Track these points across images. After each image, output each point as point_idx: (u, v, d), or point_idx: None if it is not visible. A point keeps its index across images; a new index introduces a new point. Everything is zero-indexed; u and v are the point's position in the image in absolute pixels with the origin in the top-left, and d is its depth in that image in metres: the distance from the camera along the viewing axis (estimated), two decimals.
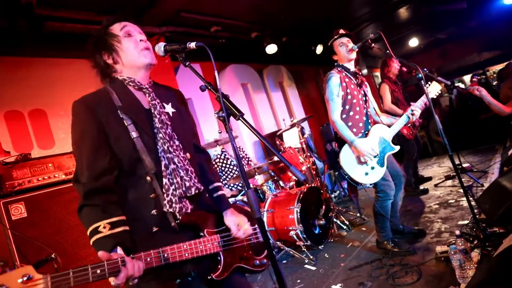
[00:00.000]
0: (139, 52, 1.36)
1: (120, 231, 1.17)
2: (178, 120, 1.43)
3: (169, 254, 1.19)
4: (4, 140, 3.31)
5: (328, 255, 3.29)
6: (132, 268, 1.05)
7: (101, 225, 1.15)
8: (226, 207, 1.50)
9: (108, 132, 1.24)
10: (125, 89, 1.36)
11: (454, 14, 7.22)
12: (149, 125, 1.32)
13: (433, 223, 3.27)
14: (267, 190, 4.14)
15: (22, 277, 0.85)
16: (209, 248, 1.33)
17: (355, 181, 2.72)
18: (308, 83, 7.98)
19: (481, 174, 4.48)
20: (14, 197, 2.44)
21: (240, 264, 1.45)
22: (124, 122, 1.27)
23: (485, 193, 2.78)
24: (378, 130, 2.81)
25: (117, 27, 1.40)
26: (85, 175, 1.20)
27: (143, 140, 1.28)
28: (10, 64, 3.52)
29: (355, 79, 2.89)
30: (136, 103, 1.35)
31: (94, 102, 1.27)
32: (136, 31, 1.41)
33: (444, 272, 2.30)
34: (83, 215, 1.19)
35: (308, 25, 5.61)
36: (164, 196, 1.27)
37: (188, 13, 4.22)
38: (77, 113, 1.26)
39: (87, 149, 1.22)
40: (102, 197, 1.20)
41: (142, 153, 1.26)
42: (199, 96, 5.21)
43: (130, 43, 1.36)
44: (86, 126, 1.24)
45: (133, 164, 1.27)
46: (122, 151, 1.25)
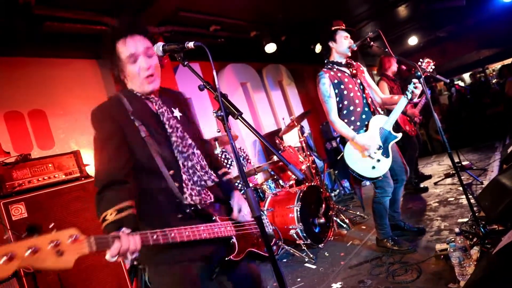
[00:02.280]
0: (142, 81, 1.41)
1: (124, 215, 1.23)
2: (186, 122, 1.54)
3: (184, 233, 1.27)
4: (4, 141, 3.32)
5: (328, 254, 3.29)
6: (127, 242, 1.10)
7: (109, 213, 1.22)
8: (234, 189, 1.64)
9: (125, 134, 1.36)
10: (135, 96, 1.45)
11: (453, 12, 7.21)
12: (159, 127, 1.43)
13: (433, 221, 3.28)
14: (267, 189, 4.14)
15: (70, 237, 0.97)
16: (223, 231, 1.43)
17: (364, 177, 2.71)
18: (308, 82, 7.98)
19: (480, 172, 4.49)
20: (14, 198, 2.44)
21: (252, 249, 1.57)
22: (135, 123, 1.37)
23: (485, 190, 2.78)
24: (377, 122, 2.78)
25: (124, 51, 1.38)
26: (101, 174, 1.31)
27: (154, 139, 1.38)
28: (9, 65, 3.53)
29: (349, 70, 2.88)
30: (145, 108, 1.45)
31: (109, 108, 1.39)
32: (142, 51, 1.39)
33: (444, 269, 2.31)
34: (98, 207, 1.27)
35: (307, 23, 5.60)
36: (185, 190, 1.38)
37: (187, 12, 4.21)
38: (97, 120, 1.38)
39: (107, 151, 1.33)
40: (114, 188, 1.28)
41: (153, 151, 1.37)
42: (199, 96, 5.21)
43: (134, 70, 1.39)
44: (105, 130, 1.36)
45: (146, 160, 1.37)
46: (135, 149, 1.36)
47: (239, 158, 1.13)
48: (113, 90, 4.42)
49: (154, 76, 1.42)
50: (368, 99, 2.86)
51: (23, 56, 3.66)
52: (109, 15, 3.78)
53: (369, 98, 2.87)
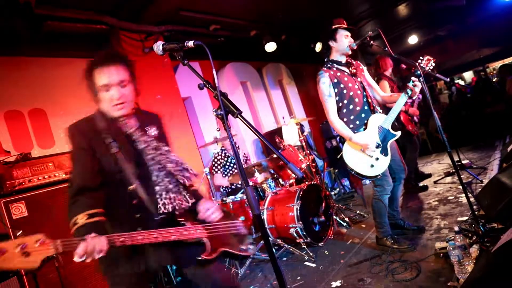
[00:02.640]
0: (112, 108, 1.55)
1: (94, 220, 1.38)
2: (159, 140, 1.68)
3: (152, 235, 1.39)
4: (4, 140, 3.32)
5: (328, 252, 3.30)
6: (92, 244, 1.23)
7: (80, 217, 1.37)
8: (200, 198, 1.75)
9: (95, 149, 1.51)
10: (107, 117, 1.59)
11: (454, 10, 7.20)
12: (129, 145, 1.57)
13: (433, 220, 3.29)
14: (267, 188, 4.15)
15: (37, 241, 1.12)
16: (193, 234, 1.55)
17: (362, 175, 2.71)
18: (308, 81, 7.97)
19: (480, 171, 4.49)
20: (15, 197, 2.45)
21: (225, 248, 1.67)
22: (106, 141, 1.52)
23: (484, 189, 2.79)
24: (375, 120, 2.77)
25: (98, 79, 1.53)
26: (75, 179, 1.47)
27: (124, 155, 1.52)
28: (9, 64, 3.53)
29: (349, 69, 2.88)
30: (116, 127, 1.59)
31: (83, 125, 1.56)
32: (115, 83, 1.53)
33: (443, 268, 2.32)
34: (70, 213, 1.41)
35: (307, 22, 5.60)
36: (158, 200, 1.52)
37: (187, 11, 4.21)
38: (71, 135, 1.55)
39: (80, 162, 1.50)
40: (86, 194, 1.44)
41: (123, 165, 1.51)
42: (199, 95, 5.22)
43: (106, 98, 1.54)
44: (78, 144, 1.52)
45: (115, 174, 1.51)
46: (106, 164, 1.51)
47: (239, 157, 1.14)
48: None
49: (124, 104, 1.56)
50: (368, 98, 2.85)
51: (23, 56, 3.67)
52: (109, 15, 3.79)
53: (369, 97, 2.86)
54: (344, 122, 2.78)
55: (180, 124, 4.40)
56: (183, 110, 4.55)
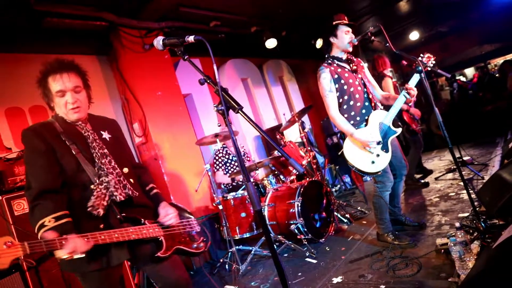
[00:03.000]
0: (67, 111, 1.63)
1: (63, 222, 1.42)
2: (114, 143, 1.78)
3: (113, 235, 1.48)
4: (5, 137, 3.33)
5: (329, 248, 3.31)
6: (74, 243, 1.31)
7: (46, 220, 1.38)
8: (161, 201, 1.86)
9: (55, 151, 1.54)
10: (65, 121, 1.66)
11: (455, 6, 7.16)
12: (86, 146, 1.64)
13: (434, 216, 3.29)
14: (268, 184, 4.15)
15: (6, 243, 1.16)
16: (151, 233, 1.66)
17: (363, 172, 2.71)
18: (308, 77, 7.95)
19: (481, 167, 4.49)
20: (16, 193, 2.46)
21: (179, 246, 1.80)
22: (66, 143, 1.58)
23: (485, 185, 2.78)
24: (376, 117, 2.78)
25: (53, 85, 1.61)
26: (34, 183, 1.47)
27: (83, 156, 1.60)
28: (10, 61, 3.52)
29: (349, 65, 2.87)
30: (74, 130, 1.67)
31: (41, 129, 1.58)
32: (70, 88, 1.62)
33: (444, 264, 2.32)
34: (32, 216, 1.42)
35: (307, 19, 5.58)
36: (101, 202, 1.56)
37: (187, 7, 4.20)
38: (28, 138, 1.55)
39: (38, 165, 1.50)
40: (48, 196, 1.45)
41: (84, 166, 1.58)
42: (199, 91, 5.20)
43: (61, 103, 1.62)
44: (37, 147, 1.52)
45: (76, 174, 1.57)
46: (67, 165, 1.56)
47: (240, 152, 1.14)
48: (113, 86, 4.42)
49: (79, 108, 1.65)
50: (369, 94, 2.86)
51: (23, 52, 3.66)
52: (109, 11, 3.78)
53: (370, 94, 2.86)
54: (344, 118, 2.77)
55: (181, 121, 4.40)
56: (183, 107, 4.55)
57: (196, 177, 4.28)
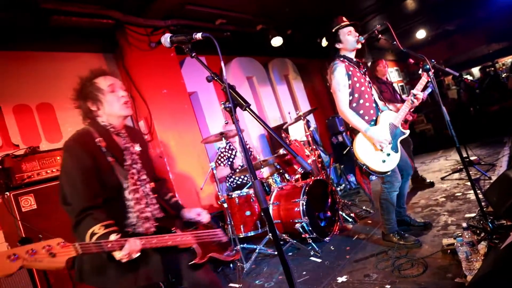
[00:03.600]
0: (121, 106, 1.65)
1: (112, 229, 1.44)
2: (144, 157, 1.75)
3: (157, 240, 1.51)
4: (13, 133, 3.36)
5: (334, 248, 3.30)
6: (134, 245, 1.36)
7: (96, 228, 1.41)
8: (182, 207, 1.89)
9: (96, 164, 1.53)
10: (106, 131, 1.64)
11: (463, 5, 7.09)
12: (123, 159, 1.63)
13: (440, 216, 3.26)
14: (273, 183, 4.15)
15: (59, 243, 1.20)
16: (185, 241, 1.65)
17: (373, 171, 2.69)
18: (314, 76, 7.93)
19: (488, 167, 4.44)
20: (24, 189, 2.48)
21: (212, 254, 1.79)
22: (107, 157, 1.57)
23: (493, 185, 2.75)
24: (386, 116, 2.78)
25: (103, 82, 1.66)
26: (77, 199, 1.47)
27: (120, 169, 1.59)
28: (17, 59, 3.55)
29: (358, 68, 2.86)
30: (114, 143, 1.65)
31: (84, 140, 1.56)
32: (118, 86, 1.69)
33: (451, 264, 2.30)
34: (80, 228, 1.44)
35: (313, 17, 5.55)
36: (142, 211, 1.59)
37: (193, 5, 4.20)
38: (72, 149, 1.54)
39: (81, 178, 1.48)
40: (94, 211, 1.46)
41: (121, 180, 1.58)
42: (205, 89, 5.21)
43: (114, 97, 1.65)
44: (80, 159, 1.51)
45: (114, 190, 1.57)
46: (106, 180, 1.55)
47: (246, 150, 1.13)
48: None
49: (129, 103, 1.68)
50: (376, 97, 2.90)
51: (31, 50, 3.69)
52: (115, 9, 3.79)
53: (375, 96, 2.90)
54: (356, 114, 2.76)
55: (186, 119, 4.41)
56: (189, 105, 4.55)
57: (201, 175, 4.29)
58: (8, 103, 3.40)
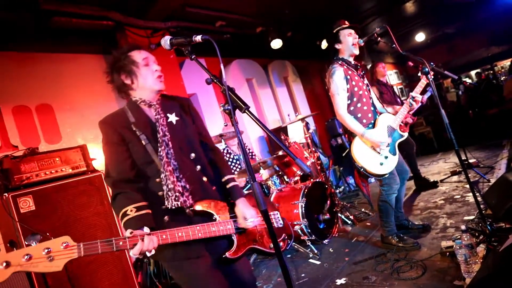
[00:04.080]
0: (155, 80, 1.62)
1: (143, 213, 1.43)
2: (181, 127, 1.66)
3: (183, 233, 1.40)
4: (12, 135, 3.35)
5: (333, 250, 3.30)
6: (148, 244, 1.30)
7: (129, 209, 1.41)
8: (238, 197, 1.67)
9: (126, 141, 1.55)
10: (137, 108, 1.63)
11: (462, 8, 7.11)
12: (155, 136, 1.57)
13: (438, 219, 3.26)
14: (272, 185, 4.14)
15: (62, 244, 1.15)
16: (222, 230, 1.51)
17: (371, 173, 2.70)
18: (313, 78, 7.94)
19: (487, 170, 4.45)
20: (22, 191, 2.47)
21: (254, 245, 1.60)
22: (137, 133, 1.55)
23: (492, 188, 2.76)
24: (385, 119, 2.80)
25: (138, 55, 1.62)
26: (114, 170, 1.52)
27: (152, 147, 1.55)
28: (17, 59, 3.55)
29: (357, 71, 2.88)
30: (145, 118, 1.61)
31: (113, 120, 1.59)
32: (152, 60, 1.65)
33: (449, 267, 2.30)
34: (115, 203, 1.47)
35: (313, 19, 5.57)
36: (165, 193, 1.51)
37: (193, 7, 4.21)
38: (103, 131, 1.58)
39: (113, 153, 1.55)
40: (129, 186, 1.49)
41: (153, 157, 1.53)
42: (204, 91, 5.21)
43: (148, 71, 1.61)
44: (110, 137, 1.56)
45: (145, 167, 1.55)
46: (136, 155, 1.55)
47: (246, 153, 1.14)
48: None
49: (162, 78, 1.65)
50: (374, 100, 2.91)
51: (31, 51, 3.69)
52: (116, 10, 3.80)
53: (373, 99, 2.92)
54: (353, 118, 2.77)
55: None
56: None
57: None
58: (7, 104, 3.40)
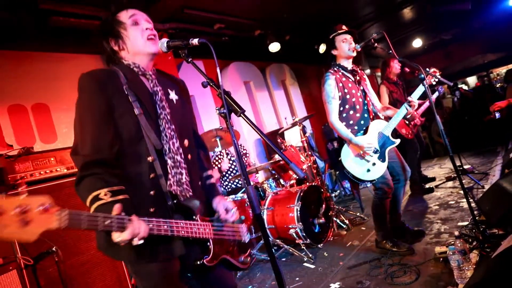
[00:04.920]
0: (145, 41, 1.37)
1: (121, 198, 1.16)
2: (180, 108, 1.47)
3: (169, 226, 1.21)
4: (7, 134, 3.34)
5: (327, 254, 3.30)
6: (138, 227, 1.08)
7: (102, 192, 1.12)
8: (216, 194, 1.56)
9: (113, 107, 1.25)
10: (131, 70, 1.37)
11: (459, 15, 7.18)
12: (152, 106, 1.34)
13: (433, 224, 3.28)
14: (268, 188, 4.15)
15: (41, 205, 0.87)
16: (202, 233, 1.35)
17: (357, 179, 2.73)
18: (311, 81, 7.97)
19: (482, 176, 4.48)
20: (16, 190, 2.45)
21: (226, 256, 1.48)
22: (129, 98, 1.28)
23: (486, 194, 2.78)
24: (376, 126, 2.82)
25: (125, 15, 1.39)
26: (87, 147, 1.19)
27: (146, 118, 1.29)
28: (14, 58, 3.54)
29: (353, 76, 2.89)
30: (141, 84, 1.37)
31: (103, 76, 1.28)
32: (143, 19, 1.41)
33: (443, 272, 2.31)
34: (82, 186, 1.16)
35: (311, 23, 5.60)
36: (169, 176, 1.30)
37: (192, 9, 4.22)
38: (86, 86, 1.25)
39: (92, 123, 1.21)
40: (103, 169, 1.18)
41: (146, 131, 1.28)
42: (201, 93, 5.22)
43: (137, 31, 1.37)
44: (94, 99, 1.23)
45: (134, 141, 1.27)
46: (125, 127, 1.25)
47: (241, 156, 1.14)
48: None
49: (155, 39, 1.40)
50: (369, 106, 2.92)
51: (28, 50, 3.68)
52: None
53: (370, 105, 2.93)
54: (343, 125, 2.80)
55: None
56: None
57: None
58: (3, 103, 3.38)
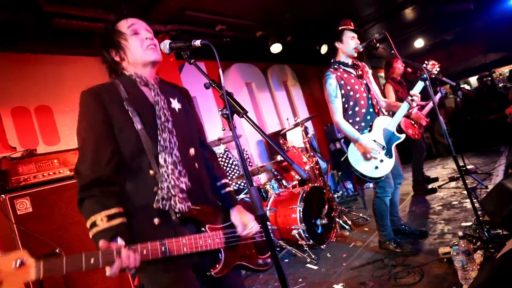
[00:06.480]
0: (145, 50, 1.36)
1: (117, 223, 1.17)
2: (183, 116, 1.44)
3: (167, 247, 1.18)
4: (11, 136, 3.35)
5: (330, 255, 3.29)
6: (127, 259, 1.07)
7: (99, 218, 1.15)
8: (233, 204, 1.51)
9: (113, 123, 1.25)
10: (132, 83, 1.37)
11: (461, 15, 7.16)
12: (153, 118, 1.32)
13: (436, 225, 3.26)
14: (270, 189, 4.14)
15: (15, 263, 0.84)
16: (210, 244, 1.31)
17: (366, 177, 2.70)
18: (312, 82, 7.97)
19: (485, 176, 4.46)
20: (20, 192, 2.46)
21: (241, 262, 1.44)
22: (129, 113, 1.27)
23: (489, 195, 2.77)
24: (381, 122, 2.79)
25: (124, 25, 1.39)
26: (86, 164, 1.21)
27: (147, 133, 1.28)
28: (17, 61, 3.56)
29: (355, 71, 2.87)
30: (142, 96, 1.36)
31: (102, 92, 1.29)
32: (143, 28, 1.41)
33: (447, 273, 2.30)
34: (83, 208, 1.20)
35: (313, 24, 5.60)
36: (159, 192, 1.24)
37: (193, 11, 4.23)
38: (85, 103, 1.27)
39: (92, 141, 1.23)
40: (100, 189, 1.19)
41: (146, 144, 1.26)
42: (204, 95, 5.23)
43: (137, 41, 1.36)
44: (93, 117, 1.25)
45: (135, 156, 1.27)
46: (125, 142, 1.26)
47: (243, 157, 1.14)
48: None
49: (156, 47, 1.39)
50: (373, 100, 2.87)
51: (31, 53, 3.70)
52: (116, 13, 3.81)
53: (374, 99, 2.87)
54: (349, 124, 2.78)
55: None
56: None
57: None
58: (6, 105, 3.40)
